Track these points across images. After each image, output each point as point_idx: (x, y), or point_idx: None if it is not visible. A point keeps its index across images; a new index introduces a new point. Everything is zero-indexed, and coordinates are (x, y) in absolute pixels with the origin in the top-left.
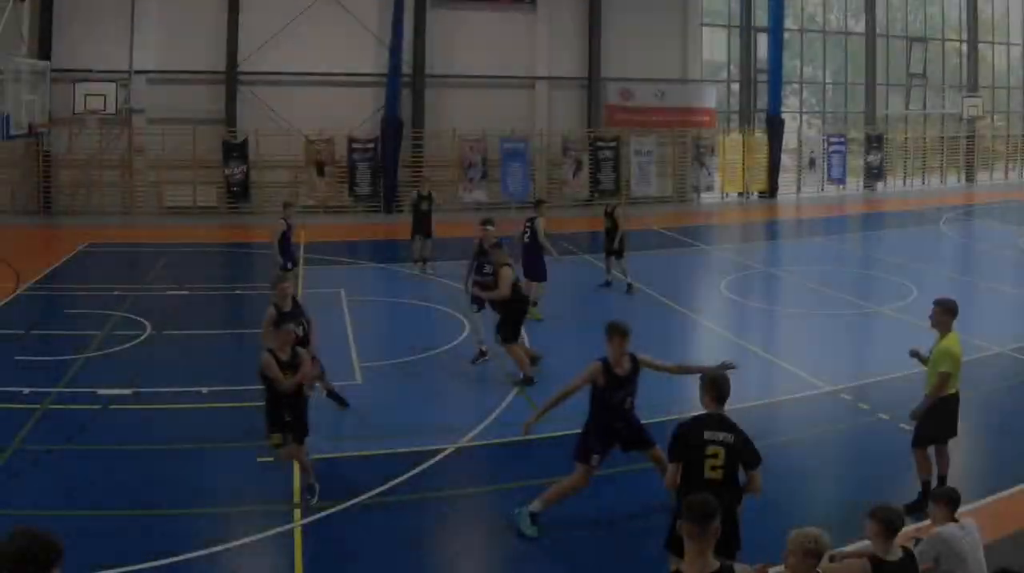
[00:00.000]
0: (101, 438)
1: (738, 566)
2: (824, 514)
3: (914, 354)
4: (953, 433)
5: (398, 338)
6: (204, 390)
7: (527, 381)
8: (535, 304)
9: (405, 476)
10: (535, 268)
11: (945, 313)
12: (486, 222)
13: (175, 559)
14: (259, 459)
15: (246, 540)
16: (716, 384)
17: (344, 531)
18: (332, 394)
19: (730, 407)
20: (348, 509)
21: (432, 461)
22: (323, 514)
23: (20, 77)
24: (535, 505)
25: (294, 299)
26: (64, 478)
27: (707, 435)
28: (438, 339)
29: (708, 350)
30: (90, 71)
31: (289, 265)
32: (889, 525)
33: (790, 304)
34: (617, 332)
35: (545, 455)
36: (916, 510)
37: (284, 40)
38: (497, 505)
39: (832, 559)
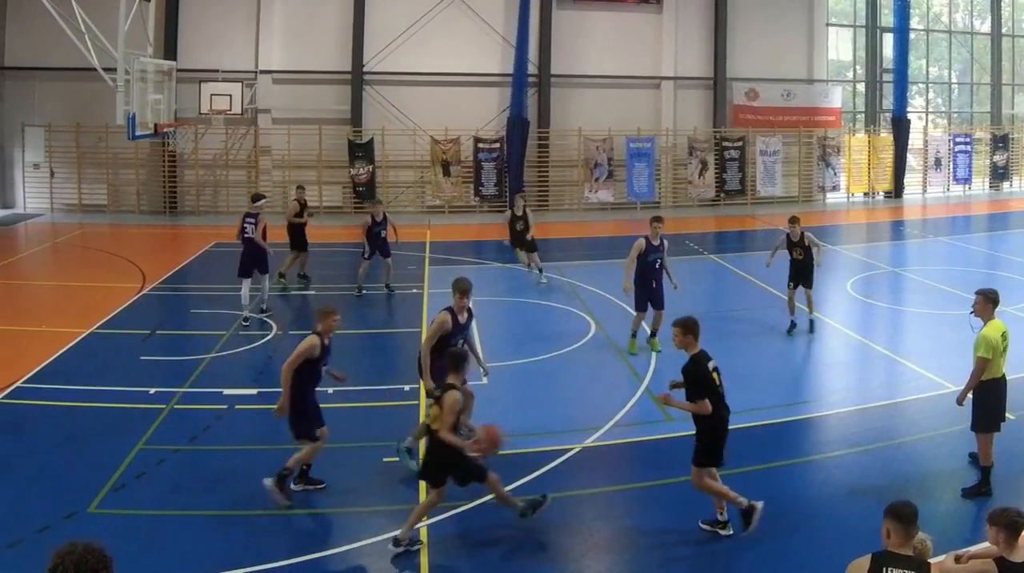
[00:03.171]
0: (226, 438)
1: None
2: (949, 514)
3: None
4: (1001, 418)
5: (524, 338)
6: (330, 390)
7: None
8: (654, 334)
9: (531, 476)
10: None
11: (987, 302)
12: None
13: (302, 558)
14: (385, 460)
15: (374, 539)
16: (697, 326)
17: (470, 531)
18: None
19: (856, 407)
20: (474, 509)
21: (557, 461)
22: (450, 514)
23: (146, 77)
24: (408, 441)
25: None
26: (189, 478)
27: (710, 366)
28: (563, 339)
29: (833, 350)
30: (216, 71)
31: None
32: (1011, 526)
33: (916, 304)
34: (461, 289)
35: (671, 454)
36: (974, 494)
37: (409, 41)
38: (623, 505)
39: (958, 560)
